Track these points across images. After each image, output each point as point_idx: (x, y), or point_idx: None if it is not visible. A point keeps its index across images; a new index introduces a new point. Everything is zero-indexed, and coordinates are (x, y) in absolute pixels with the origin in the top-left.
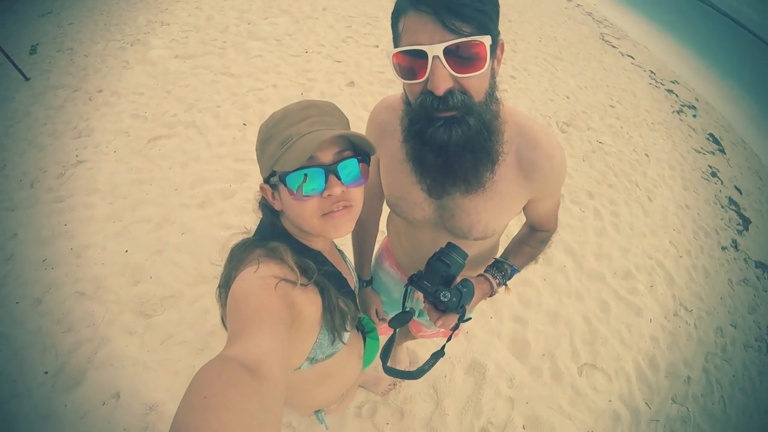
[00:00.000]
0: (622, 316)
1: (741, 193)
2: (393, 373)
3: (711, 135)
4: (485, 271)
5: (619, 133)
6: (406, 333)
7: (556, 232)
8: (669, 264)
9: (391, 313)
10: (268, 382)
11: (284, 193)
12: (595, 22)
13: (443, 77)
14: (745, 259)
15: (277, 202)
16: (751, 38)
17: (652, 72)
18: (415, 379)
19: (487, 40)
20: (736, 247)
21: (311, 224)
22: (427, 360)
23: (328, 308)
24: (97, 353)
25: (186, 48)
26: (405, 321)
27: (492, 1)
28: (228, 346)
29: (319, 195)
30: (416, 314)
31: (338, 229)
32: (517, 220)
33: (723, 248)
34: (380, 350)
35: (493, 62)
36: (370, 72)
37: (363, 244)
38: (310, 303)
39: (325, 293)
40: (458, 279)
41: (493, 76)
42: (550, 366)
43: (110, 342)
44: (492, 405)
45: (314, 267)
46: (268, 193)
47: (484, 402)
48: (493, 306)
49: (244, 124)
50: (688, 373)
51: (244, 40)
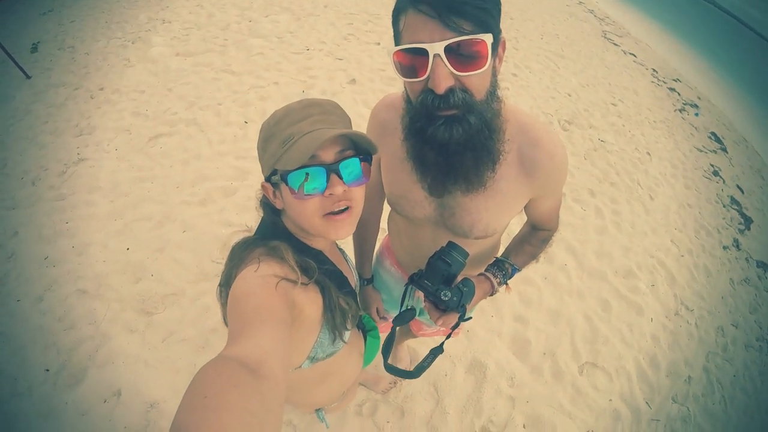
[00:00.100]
0: (623, 315)
1: (743, 192)
2: (393, 371)
3: (713, 134)
4: (486, 270)
5: (621, 132)
6: (407, 331)
7: (557, 230)
8: (670, 263)
9: (391, 311)
10: (269, 382)
11: (285, 192)
12: (597, 19)
13: (444, 75)
14: (746, 259)
15: (279, 201)
16: (754, 36)
17: (654, 70)
18: (415, 378)
19: (488, 38)
20: (737, 247)
21: (312, 224)
22: (426, 357)
23: (328, 307)
24: (98, 351)
25: (187, 46)
26: (408, 319)
27: None
28: (228, 345)
29: (320, 194)
30: (417, 313)
31: (339, 231)
32: (519, 218)
33: (724, 247)
34: (381, 347)
35: (494, 60)
36: (372, 69)
37: (364, 242)
38: (310, 302)
39: (326, 292)
40: (459, 278)
41: (494, 75)
42: (551, 365)
43: (111, 340)
44: (492, 404)
45: (315, 266)
46: (269, 191)
47: (484, 401)
48: (494, 305)
49: (245, 122)
50: (689, 372)
51: (246, 38)
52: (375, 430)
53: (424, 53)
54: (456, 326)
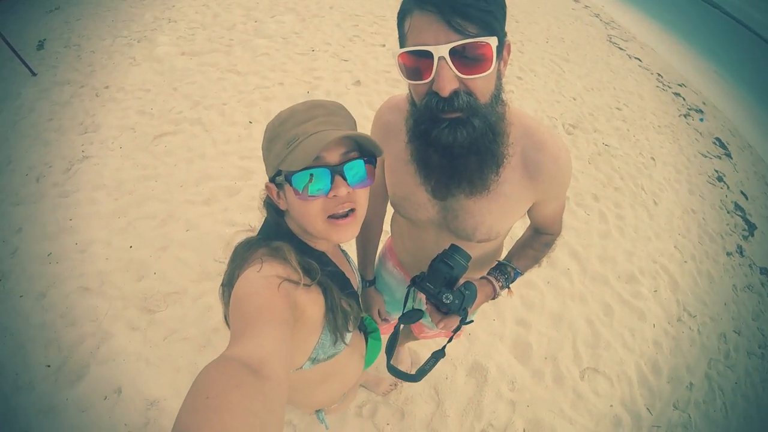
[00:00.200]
0: (625, 320)
1: (747, 199)
2: (395, 372)
3: (718, 139)
4: (488, 274)
5: (626, 136)
6: (408, 333)
7: (561, 235)
8: (673, 268)
9: (393, 313)
10: (271, 382)
11: (289, 193)
12: (602, 23)
13: (449, 78)
14: (750, 265)
15: (282, 202)
16: (760, 42)
17: (659, 75)
18: (416, 381)
19: (493, 41)
20: (741, 253)
21: (315, 225)
22: (428, 360)
23: (330, 309)
24: (99, 348)
25: (192, 45)
26: (415, 318)
27: (498, 1)
28: (230, 345)
29: (324, 195)
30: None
31: (342, 234)
32: (522, 222)
33: (728, 254)
34: (384, 347)
35: (499, 64)
36: (377, 71)
37: (367, 243)
38: (312, 303)
39: (328, 294)
40: (461, 281)
41: (499, 78)
42: (552, 369)
43: (113, 337)
44: (493, 407)
45: (317, 267)
46: (273, 192)
47: (485, 404)
48: (496, 308)
49: (249, 122)
50: (690, 378)
51: (251, 38)
52: None
53: (429, 55)
54: (457, 329)
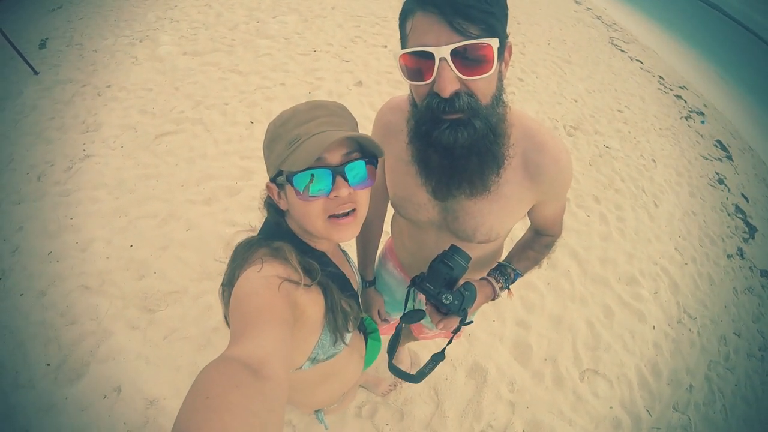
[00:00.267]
0: (625, 321)
1: (748, 201)
2: (396, 371)
3: (719, 142)
4: (488, 275)
5: (627, 138)
6: (408, 334)
7: (561, 236)
8: (674, 270)
9: (393, 313)
10: (271, 383)
11: (290, 193)
12: (604, 25)
13: (450, 79)
14: (750, 268)
15: (283, 202)
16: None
17: (660, 77)
18: (416, 383)
19: (494, 42)
20: (741, 256)
21: (316, 226)
22: (427, 362)
23: (330, 309)
24: (99, 347)
25: (195, 45)
26: (417, 318)
27: (500, 3)
28: (230, 345)
29: (325, 196)
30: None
31: (342, 233)
32: (522, 223)
33: (728, 256)
34: (387, 345)
35: (500, 65)
36: (378, 72)
37: (367, 244)
38: (312, 303)
39: (328, 294)
40: (461, 282)
41: (500, 79)
42: (552, 371)
43: (113, 336)
44: (492, 408)
45: (318, 268)
46: (274, 192)
47: (484, 405)
48: (496, 309)
49: (251, 122)
50: (690, 381)
51: (253, 38)
52: None
53: (430, 56)
54: (457, 330)
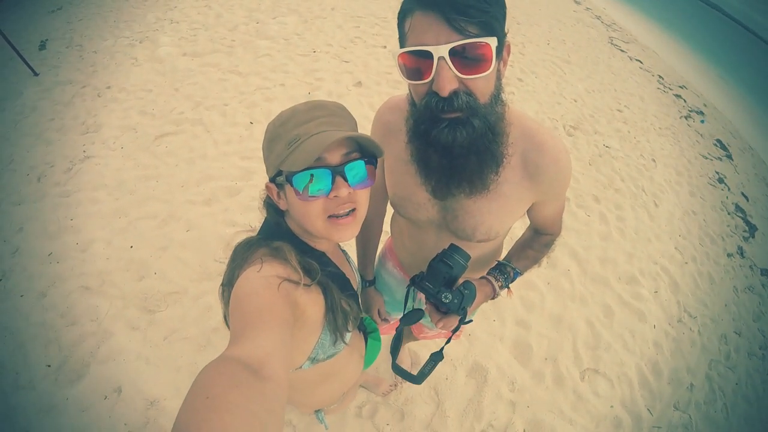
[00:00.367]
0: (625, 321)
1: (748, 200)
2: (399, 371)
3: (718, 141)
4: (488, 274)
5: (627, 138)
6: (408, 334)
7: (561, 235)
8: (674, 270)
9: (393, 313)
10: (271, 383)
11: (290, 193)
12: (603, 25)
13: (448, 78)
14: (750, 267)
15: (283, 202)
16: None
17: (660, 77)
18: (417, 384)
19: (493, 41)
20: (741, 254)
21: (315, 225)
22: (426, 362)
23: (330, 309)
24: (100, 347)
25: (194, 46)
26: (416, 319)
27: (499, 2)
28: (230, 345)
29: (325, 196)
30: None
31: (342, 233)
32: (521, 222)
33: (729, 255)
34: (390, 347)
35: (498, 64)
36: (378, 72)
37: (367, 244)
38: (312, 303)
39: (328, 294)
40: (460, 281)
41: (498, 78)
42: (552, 370)
43: (113, 336)
44: (493, 408)
45: (318, 267)
46: (273, 192)
47: (485, 405)
48: (496, 309)
49: (251, 123)
50: (691, 380)
51: (253, 39)
52: None
53: (428, 56)
54: (457, 329)
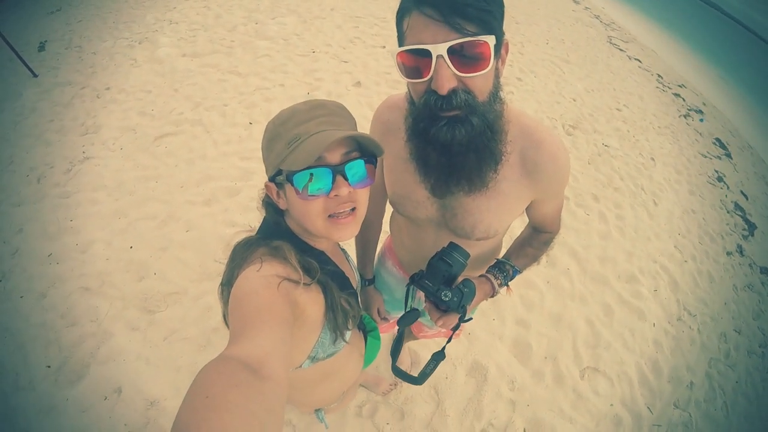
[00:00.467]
0: (625, 319)
1: (747, 198)
2: (399, 374)
3: (718, 140)
4: (487, 272)
5: (626, 137)
6: (408, 333)
7: (560, 234)
8: (673, 268)
9: (392, 312)
10: (270, 382)
11: (290, 192)
12: (602, 25)
13: (447, 77)
14: (750, 265)
15: (282, 201)
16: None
17: (659, 76)
18: (419, 385)
19: (491, 39)
20: (741, 253)
21: (316, 225)
22: (428, 362)
23: (330, 307)
24: (100, 348)
25: (194, 47)
26: (413, 319)
27: (497, 1)
28: (230, 345)
29: (325, 195)
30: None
31: (342, 232)
32: (520, 220)
33: (728, 253)
34: (390, 348)
35: (497, 62)
36: (377, 72)
37: (366, 243)
38: (312, 302)
39: (328, 292)
40: (460, 279)
41: (497, 76)
42: (552, 369)
43: (113, 337)
44: (493, 407)
45: (317, 266)
46: (272, 191)
47: (485, 404)
48: (496, 308)
49: (250, 123)
50: (691, 378)
51: (252, 40)
52: None
53: (427, 54)
54: (456, 327)
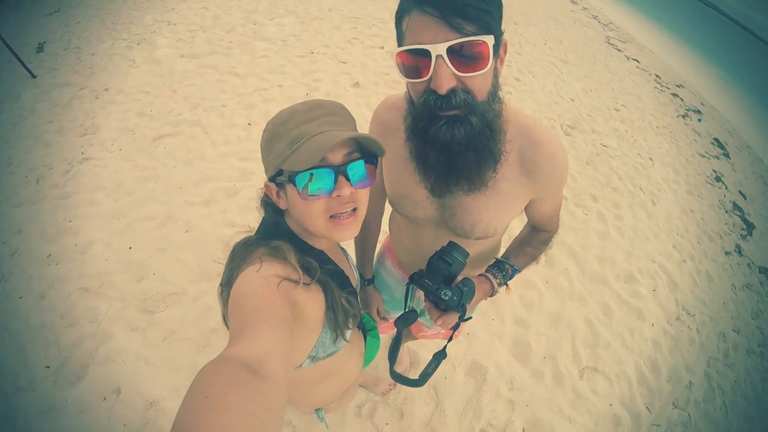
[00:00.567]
0: (624, 319)
1: (745, 198)
2: (398, 378)
3: (716, 139)
4: (486, 271)
5: (624, 137)
6: (407, 333)
7: (558, 233)
8: (672, 268)
9: (392, 311)
10: (270, 382)
11: (291, 193)
12: (600, 25)
13: (446, 76)
14: (748, 264)
15: (282, 201)
16: (758, 43)
17: (657, 76)
18: (420, 386)
19: (490, 39)
20: (739, 252)
21: (317, 225)
22: (429, 362)
23: (331, 307)
24: (99, 349)
25: (192, 47)
26: (411, 321)
27: (495, 1)
28: (230, 345)
29: (327, 195)
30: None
31: (343, 233)
32: (519, 220)
33: (727, 253)
34: (388, 352)
35: (495, 62)
36: (376, 73)
37: (365, 242)
38: (312, 302)
39: (328, 292)
40: (459, 278)
41: (495, 76)
42: (551, 369)
43: (113, 337)
44: (492, 407)
45: (317, 266)
46: (272, 191)
47: (484, 404)
48: (495, 308)
49: (249, 124)
50: (689, 377)
51: (250, 41)
52: None
53: (426, 54)
54: (456, 326)
